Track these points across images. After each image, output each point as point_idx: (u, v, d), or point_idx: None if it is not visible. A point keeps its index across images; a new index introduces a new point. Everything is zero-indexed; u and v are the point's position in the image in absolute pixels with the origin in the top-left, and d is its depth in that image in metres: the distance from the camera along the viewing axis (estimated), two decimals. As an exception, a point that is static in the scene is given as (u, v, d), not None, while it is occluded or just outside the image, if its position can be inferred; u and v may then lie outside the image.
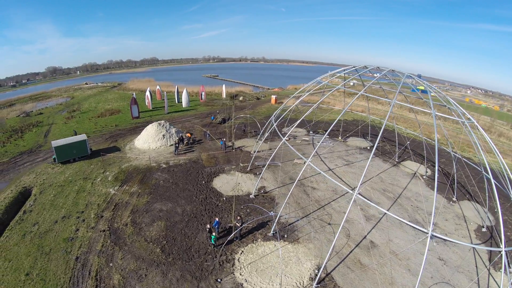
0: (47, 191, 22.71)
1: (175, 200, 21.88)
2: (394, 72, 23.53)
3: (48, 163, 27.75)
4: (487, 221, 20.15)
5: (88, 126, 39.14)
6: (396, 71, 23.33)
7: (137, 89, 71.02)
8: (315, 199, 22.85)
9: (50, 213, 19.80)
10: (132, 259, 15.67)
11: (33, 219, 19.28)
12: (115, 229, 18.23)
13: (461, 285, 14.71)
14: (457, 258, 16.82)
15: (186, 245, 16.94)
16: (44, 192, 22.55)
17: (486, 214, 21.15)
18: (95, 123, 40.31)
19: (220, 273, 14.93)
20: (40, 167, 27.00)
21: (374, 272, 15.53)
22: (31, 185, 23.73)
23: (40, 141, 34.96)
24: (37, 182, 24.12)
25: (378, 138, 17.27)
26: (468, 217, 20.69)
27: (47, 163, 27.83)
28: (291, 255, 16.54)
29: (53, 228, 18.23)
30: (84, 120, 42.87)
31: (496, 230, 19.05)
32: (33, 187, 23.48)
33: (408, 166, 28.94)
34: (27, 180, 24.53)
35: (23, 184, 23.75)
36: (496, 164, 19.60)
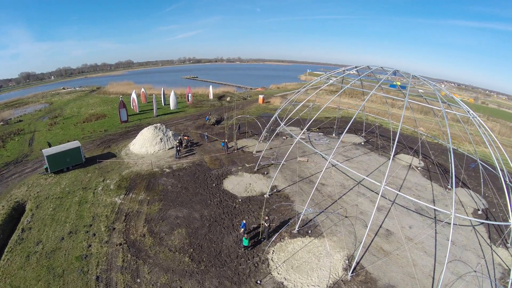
0: (44, 204, 20.73)
1: (190, 205, 21.27)
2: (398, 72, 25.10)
3: (40, 173, 25.26)
4: (481, 205, 22.52)
5: (74, 132, 36.16)
6: (401, 72, 24.86)
7: (117, 92, 67.46)
8: (327, 194, 23.67)
9: (53, 229, 18.07)
10: (160, 271, 14.93)
11: (35, 237, 17.45)
12: (133, 241, 17.19)
13: (471, 261, 16.35)
14: (463, 238, 18.61)
15: (215, 250, 16.62)
16: (41, 206, 20.55)
17: (480, 199, 23.62)
18: (81, 129, 37.35)
19: (258, 275, 14.94)
20: (31, 179, 24.49)
21: (396, 256, 16.63)
22: (24, 199, 21.45)
23: (25, 150, 31.68)
24: (30, 195, 21.88)
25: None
26: (464, 202, 22.94)
27: (38, 173, 25.31)
28: (319, 249, 17.06)
29: (61, 246, 16.62)
30: (69, 126, 39.54)
31: (490, 212, 21.42)
32: (27, 201, 21.25)
33: (402, 159, 31.13)
34: (19, 193, 22.14)
35: (15, 198, 21.39)
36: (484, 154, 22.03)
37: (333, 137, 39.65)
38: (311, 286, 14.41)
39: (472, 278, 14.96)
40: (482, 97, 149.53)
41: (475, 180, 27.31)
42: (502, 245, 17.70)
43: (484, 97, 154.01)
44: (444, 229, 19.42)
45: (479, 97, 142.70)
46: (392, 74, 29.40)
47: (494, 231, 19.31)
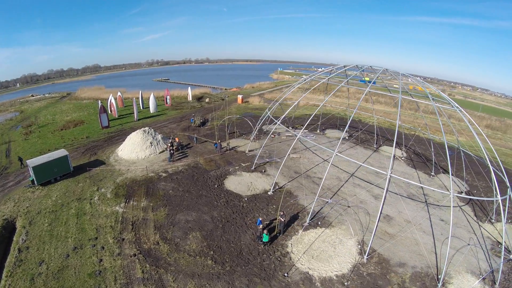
0: (38, 220, 18.74)
1: (197, 208, 20.90)
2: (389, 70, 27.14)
3: (26, 186, 22.70)
4: (463, 188, 25.58)
5: (54, 141, 32.87)
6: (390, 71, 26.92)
7: (90, 97, 63.20)
8: (326, 187, 24.89)
9: (55, 246, 16.50)
10: (186, 278, 14.56)
11: (35, 257, 15.77)
12: (148, 250, 16.44)
13: (463, 237, 18.67)
14: (454, 218, 21.05)
15: (235, 250, 16.67)
16: (35, 222, 18.54)
17: (463, 183, 26.74)
18: (61, 137, 33.97)
19: (283, 268, 15.41)
20: (17, 193, 21.87)
21: (400, 238, 18.31)
22: (13, 215, 19.14)
23: (3, 162, 28.25)
24: (19, 211, 19.59)
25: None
26: (448, 186, 25.82)
27: (24, 187, 22.72)
28: (332, 238, 18.06)
29: (68, 264, 15.28)
30: (46, 134, 35.82)
31: (471, 193, 24.49)
32: (17, 218, 19.01)
33: (386, 151, 33.83)
34: (6, 210, 19.66)
35: (3, 215, 18.95)
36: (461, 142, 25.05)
37: (318, 133, 41.47)
38: (334, 272, 15.32)
39: (468, 251, 17.12)
40: (448, 89, 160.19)
41: (454, 166, 30.63)
42: (487, 221, 20.44)
43: (450, 89, 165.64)
44: (436, 211, 21.77)
45: (445, 89, 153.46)
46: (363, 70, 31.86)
47: (478, 210, 22.17)
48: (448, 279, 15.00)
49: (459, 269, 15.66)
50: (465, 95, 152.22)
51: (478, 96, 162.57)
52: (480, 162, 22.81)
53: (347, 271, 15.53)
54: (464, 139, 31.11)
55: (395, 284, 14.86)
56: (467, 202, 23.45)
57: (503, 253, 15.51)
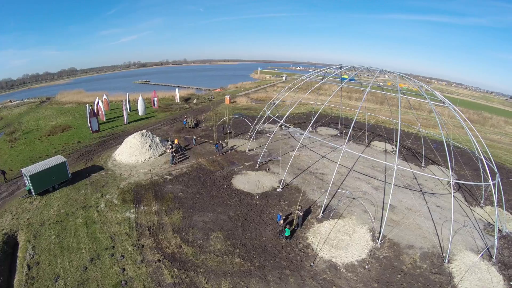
0: (43, 232, 17.60)
1: (211, 208, 20.98)
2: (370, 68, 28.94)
3: (22, 197, 21.02)
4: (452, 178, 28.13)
5: (42, 147, 30.53)
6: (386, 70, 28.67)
7: (71, 101, 59.59)
8: (332, 182, 26.13)
9: (69, 259, 15.67)
10: (218, 277, 14.72)
11: (49, 272, 14.85)
12: (172, 255, 16.25)
13: (459, 220, 20.77)
14: (447, 204, 23.20)
15: (260, 246, 17.13)
16: (40, 234, 17.40)
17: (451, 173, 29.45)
18: (49, 143, 31.58)
19: (308, 258, 16.21)
20: (12, 204, 20.18)
21: (405, 224, 19.97)
22: (13, 229, 17.73)
23: None
24: (19, 223, 18.19)
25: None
26: (438, 175, 28.29)
27: (20, 197, 21.04)
28: (346, 227, 19.23)
29: (88, 277, 14.59)
30: (33, 141, 33.13)
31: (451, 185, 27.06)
32: (18, 232, 17.68)
33: (377, 146, 36.10)
34: (4, 223, 18.10)
35: (1, 230, 17.48)
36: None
37: (310, 131, 42.92)
38: (355, 258, 16.50)
39: (464, 231, 19.16)
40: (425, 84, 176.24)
41: (441, 158, 33.41)
42: (477, 205, 22.91)
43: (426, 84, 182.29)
44: (431, 198, 23.88)
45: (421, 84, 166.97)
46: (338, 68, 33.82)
47: (468, 196, 24.66)
48: (452, 257, 16.77)
49: (460, 248, 17.57)
50: (441, 90, 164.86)
51: (454, 91, 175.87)
52: (465, 152, 25.44)
53: (365, 255, 16.76)
54: (445, 132, 34.22)
55: (408, 264, 16.33)
56: (457, 189, 26.00)
57: (496, 232, 17.65)
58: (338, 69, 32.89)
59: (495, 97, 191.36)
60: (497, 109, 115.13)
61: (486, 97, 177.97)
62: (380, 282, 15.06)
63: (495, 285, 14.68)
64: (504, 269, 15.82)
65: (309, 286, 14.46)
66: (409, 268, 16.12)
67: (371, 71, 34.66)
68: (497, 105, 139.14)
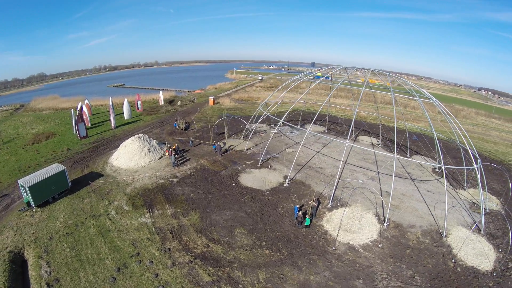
0: (54, 246, 16.50)
1: (227, 206, 21.39)
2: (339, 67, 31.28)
3: (20, 210, 19.32)
4: (437, 165, 31.55)
5: (30, 156, 27.92)
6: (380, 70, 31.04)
7: (48, 108, 55.03)
8: (330, 175, 27.95)
9: (93, 272, 14.98)
10: (254, 270, 15.36)
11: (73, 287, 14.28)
12: (202, 254, 16.44)
13: (448, 201, 23.58)
14: (435, 188, 26.15)
15: (283, 237, 18.07)
16: (51, 249, 16.29)
17: (437, 161, 32.89)
18: (36, 151, 28.85)
19: (329, 243, 17.58)
20: (11, 219, 18.46)
21: (403, 207, 22.32)
22: (18, 246, 16.38)
23: None
24: (24, 239, 16.85)
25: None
26: (423, 165, 31.51)
27: (19, 210, 19.32)
28: (354, 214, 20.97)
29: (119, 287, 14.23)
30: (17, 150, 30.08)
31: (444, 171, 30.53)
32: (24, 248, 16.45)
33: (364, 140, 38.97)
34: (6, 240, 16.62)
35: (5, 248, 15.99)
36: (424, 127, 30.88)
37: (299, 129, 44.78)
38: (368, 239, 18.34)
39: (454, 211, 21.94)
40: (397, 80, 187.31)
41: (422, 148, 37.02)
42: (461, 188, 26.18)
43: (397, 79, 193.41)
44: (420, 185, 26.68)
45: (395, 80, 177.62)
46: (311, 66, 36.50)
47: (452, 181, 27.94)
48: (447, 232, 19.29)
49: (453, 224, 20.22)
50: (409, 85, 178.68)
51: (424, 85, 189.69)
52: (443, 143, 28.83)
53: (376, 236, 18.63)
54: (422, 125, 38.23)
55: (413, 240, 18.49)
56: (442, 175, 29.30)
57: (482, 209, 20.60)
58: (331, 69, 34.91)
59: (463, 90, 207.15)
60: (467, 101, 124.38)
61: (455, 89, 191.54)
62: (393, 257, 16.95)
63: (487, 252, 17.34)
64: (492, 239, 18.69)
65: (337, 266, 15.81)
66: (415, 243, 18.26)
67: (362, 70, 37.31)
68: (466, 97, 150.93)
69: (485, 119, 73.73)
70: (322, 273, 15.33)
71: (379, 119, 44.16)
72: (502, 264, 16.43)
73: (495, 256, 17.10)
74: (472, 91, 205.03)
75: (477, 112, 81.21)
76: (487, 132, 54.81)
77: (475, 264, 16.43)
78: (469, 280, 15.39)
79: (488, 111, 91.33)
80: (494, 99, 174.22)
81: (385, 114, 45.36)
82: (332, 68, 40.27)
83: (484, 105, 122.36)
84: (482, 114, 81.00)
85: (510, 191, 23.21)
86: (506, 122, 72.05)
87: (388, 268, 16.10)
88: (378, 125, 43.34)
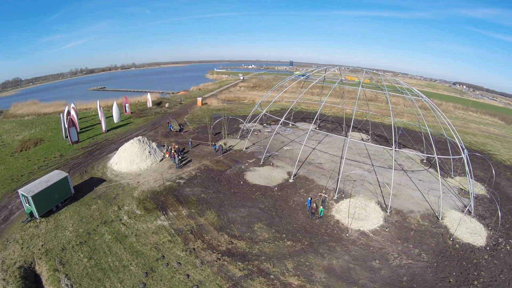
0: (69, 257, 15.86)
1: (240, 204, 21.84)
2: None
3: (23, 222, 18.12)
4: (422, 156, 34.20)
5: (20, 164, 25.92)
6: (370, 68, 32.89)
7: (30, 113, 51.12)
8: (330, 169, 29.42)
9: (119, 279, 14.63)
10: (281, 260, 16.11)
11: (102, 296, 13.84)
12: (228, 251, 16.79)
13: (438, 188, 25.78)
14: (426, 177, 28.54)
15: (300, 228, 19.01)
16: (66, 260, 15.62)
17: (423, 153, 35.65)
18: (27, 159, 26.72)
19: (342, 231, 18.90)
20: (14, 232, 17.41)
21: (401, 195, 24.31)
22: (28, 260, 15.47)
23: None
24: (33, 252, 15.96)
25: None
26: (412, 157, 34.09)
27: (21, 222, 18.12)
28: (359, 203, 22.46)
29: None
30: (5, 158, 27.74)
31: (429, 161, 33.17)
32: (34, 262, 15.57)
33: (354, 136, 41.13)
34: (14, 255, 15.62)
35: (13, 263, 15.02)
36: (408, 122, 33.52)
37: (291, 127, 46.14)
38: (375, 225, 19.95)
39: (445, 197, 24.22)
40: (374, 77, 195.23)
41: (409, 142, 39.70)
42: (449, 177, 28.83)
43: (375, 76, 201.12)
44: (412, 175, 29.00)
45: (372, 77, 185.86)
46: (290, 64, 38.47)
47: (439, 170, 30.48)
48: (443, 215, 21.42)
49: (446, 208, 22.44)
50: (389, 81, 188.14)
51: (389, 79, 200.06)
52: (427, 136, 31.43)
53: (382, 222, 20.27)
54: (405, 119, 41.25)
55: (414, 224, 20.36)
56: (429, 166, 31.95)
57: (471, 194, 23.07)
58: (324, 70, 36.43)
59: (439, 84, 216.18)
60: (443, 95, 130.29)
61: (431, 84, 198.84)
62: (400, 238, 18.63)
63: (479, 231, 19.67)
64: (482, 220, 21.16)
65: (354, 250, 17.15)
66: (416, 226, 20.12)
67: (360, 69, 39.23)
68: (442, 91, 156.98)
69: (463, 113, 78.71)
70: (342, 258, 16.52)
71: (367, 115, 46.85)
72: (493, 240, 18.77)
73: (486, 234, 19.44)
74: (448, 86, 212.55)
75: (455, 106, 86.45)
76: (466, 125, 58.80)
77: (470, 241, 18.59)
78: (467, 254, 17.41)
79: (465, 104, 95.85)
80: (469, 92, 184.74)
81: (368, 110, 48.11)
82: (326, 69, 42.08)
83: (460, 99, 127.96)
84: (460, 108, 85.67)
85: (494, 177, 26.11)
86: (482, 114, 77.65)
87: (398, 248, 17.69)
88: (363, 121, 46.08)
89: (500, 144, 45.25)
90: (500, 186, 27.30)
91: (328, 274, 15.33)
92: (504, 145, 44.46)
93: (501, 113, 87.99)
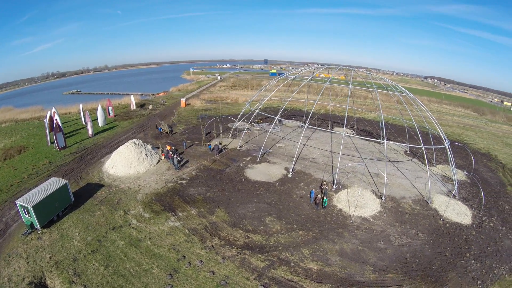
0: (83, 267, 15.28)
1: (247, 200, 22.38)
2: None
3: (23, 234, 16.94)
4: (406, 148, 36.97)
5: (7, 174, 23.98)
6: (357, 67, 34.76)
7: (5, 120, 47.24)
8: (324, 163, 30.95)
9: (143, 284, 14.34)
10: (297, 248, 17.06)
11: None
12: (246, 245, 17.31)
13: (424, 176, 28.39)
14: (411, 167, 31.10)
15: (309, 218, 20.07)
16: (82, 271, 15.01)
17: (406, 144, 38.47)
18: (13, 168, 24.49)
19: (346, 218, 20.36)
20: (15, 246, 16.37)
21: (392, 184, 26.39)
22: (37, 274, 14.65)
23: None
24: (41, 266, 15.11)
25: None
26: (396, 149, 36.75)
27: (21, 235, 16.95)
28: (356, 193, 24.01)
29: None
30: None
31: (411, 151, 35.96)
32: (44, 276, 14.72)
33: (338, 131, 43.28)
34: (20, 271, 14.73)
35: (22, 279, 14.24)
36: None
37: (278, 125, 47.25)
38: (374, 211, 21.68)
39: (431, 183, 26.68)
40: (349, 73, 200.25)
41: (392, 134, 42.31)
42: (432, 165, 31.59)
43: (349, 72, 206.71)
44: (399, 165, 31.44)
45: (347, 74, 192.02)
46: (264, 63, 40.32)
47: (422, 160, 33.14)
48: (431, 199, 23.73)
49: (433, 193, 24.81)
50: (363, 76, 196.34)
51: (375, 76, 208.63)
52: (412, 128, 34.23)
53: (380, 208, 22.08)
54: (385, 114, 44.10)
55: (408, 208, 22.41)
56: (413, 156, 34.69)
57: (455, 180, 25.72)
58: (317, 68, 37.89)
59: (411, 79, 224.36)
60: (416, 89, 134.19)
61: (404, 79, 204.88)
62: (398, 221, 20.49)
63: (464, 211, 22.23)
64: (466, 202, 23.83)
65: (360, 235, 18.66)
66: (410, 210, 22.15)
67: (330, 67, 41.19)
68: (415, 85, 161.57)
69: (437, 106, 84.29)
70: (351, 241, 17.88)
71: (353, 111, 49.50)
72: (478, 219, 21.38)
73: (471, 214, 22.03)
74: (420, 80, 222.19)
75: (429, 100, 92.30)
76: (441, 117, 62.75)
77: (458, 220, 20.97)
78: (457, 231, 19.67)
79: (438, 98, 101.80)
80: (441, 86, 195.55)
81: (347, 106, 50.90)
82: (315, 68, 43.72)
83: (433, 92, 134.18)
84: (434, 101, 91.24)
85: (473, 164, 29.27)
86: (456, 107, 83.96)
87: (397, 230, 19.46)
88: (345, 117, 48.65)
89: (474, 134, 50.19)
90: (478, 172, 30.51)
91: (341, 257, 16.53)
92: (479, 135, 49.38)
93: (473, 105, 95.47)
